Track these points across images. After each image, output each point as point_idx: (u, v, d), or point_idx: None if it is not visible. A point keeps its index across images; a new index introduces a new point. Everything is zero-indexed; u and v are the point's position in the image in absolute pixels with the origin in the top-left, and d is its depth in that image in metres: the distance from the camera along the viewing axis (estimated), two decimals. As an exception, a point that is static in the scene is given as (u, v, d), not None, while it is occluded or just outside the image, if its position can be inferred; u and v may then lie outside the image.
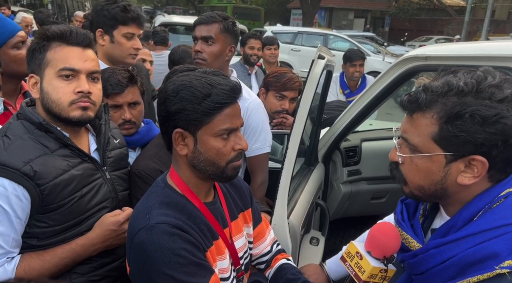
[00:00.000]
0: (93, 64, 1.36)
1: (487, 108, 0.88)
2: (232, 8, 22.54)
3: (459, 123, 0.90)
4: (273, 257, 1.45)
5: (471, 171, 0.93)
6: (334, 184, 2.85)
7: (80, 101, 1.31)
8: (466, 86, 0.91)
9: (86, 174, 1.38)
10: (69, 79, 1.31)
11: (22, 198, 1.23)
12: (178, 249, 1.06)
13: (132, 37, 2.11)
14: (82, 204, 1.35)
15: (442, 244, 0.95)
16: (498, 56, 1.77)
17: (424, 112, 0.96)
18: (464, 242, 0.91)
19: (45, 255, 1.31)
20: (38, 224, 1.29)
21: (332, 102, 3.55)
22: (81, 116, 1.33)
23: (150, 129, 1.90)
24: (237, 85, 1.15)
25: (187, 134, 1.13)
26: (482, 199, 0.96)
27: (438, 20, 30.12)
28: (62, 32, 1.31)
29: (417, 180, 1.01)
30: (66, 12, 17.15)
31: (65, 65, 1.30)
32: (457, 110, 0.90)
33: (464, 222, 0.96)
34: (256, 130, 2.04)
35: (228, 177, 1.19)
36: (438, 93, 0.94)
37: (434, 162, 0.96)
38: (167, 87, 1.13)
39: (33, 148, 1.28)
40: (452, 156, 0.94)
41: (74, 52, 1.32)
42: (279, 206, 1.67)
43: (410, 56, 2.09)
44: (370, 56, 12.41)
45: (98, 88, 1.38)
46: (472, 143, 0.90)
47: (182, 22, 7.91)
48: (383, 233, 1.16)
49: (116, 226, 1.39)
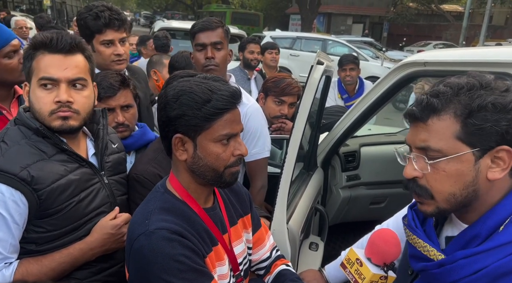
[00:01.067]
0: (75, 71, 1.31)
1: (502, 97, 0.91)
2: (231, 13, 22.63)
3: (483, 114, 0.90)
4: (273, 263, 1.45)
5: (498, 165, 0.93)
6: (333, 189, 2.85)
7: (59, 111, 1.29)
8: (473, 83, 0.93)
9: (84, 178, 1.37)
10: (49, 88, 1.29)
11: (19, 203, 1.23)
12: (177, 255, 1.05)
13: (111, 43, 2.02)
14: (80, 209, 1.35)
15: (472, 255, 0.93)
16: (496, 62, 1.78)
17: (439, 115, 0.95)
18: (495, 253, 0.90)
19: (43, 260, 1.30)
20: (36, 229, 1.29)
21: (331, 107, 3.56)
22: (61, 126, 1.30)
23: (144, 133, 1.90)
24: (237, 91, 1.15)
25: (187, 139, 1.13)
26: (505, 207, 0.94)
27: (436, 26, 30.27)
28: (43, 40, 1.29)
29: (447, 188, 0.97)
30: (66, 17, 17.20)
31: (44, 74, 1.28)
32: (478, 103, 0.90)
33: (489, 231, 0.94)
34: (255, 135, 2.04)
35: (226, 182, 1.19)
36: (450, 94, 0.94)
37: (464, 162, 0.94)
38: (167, 92, 1.13)
39: (30, 153, 1.28)
40: (479, 151, 0.93)
41: (54, 60, 1.29)
42: (278, 211, 1.67)
43: (409, 61, 2.09)
44: (369, 61, 12.46)
45: (83, 96, 1.34)
46: (497, 133, 0.90)
47: (181, 27, 7.93)
48: (383, 240, 1.16)
49: (114, 230, 1.39)
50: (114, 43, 2.02)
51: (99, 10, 1.98)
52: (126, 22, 2.08)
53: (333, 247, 3.03)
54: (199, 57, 2.00)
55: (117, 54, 2.03)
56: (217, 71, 1.98)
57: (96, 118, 1.51)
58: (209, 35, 1.97)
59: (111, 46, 2.02)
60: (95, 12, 1.98)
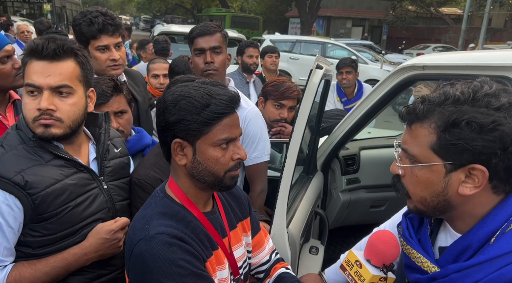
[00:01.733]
0: (59, 78, 1.28)
1: (484, 116, 0.88)
2: (230, 17, 22.72)
3: (457, 131, 0.90)
4: (272, 266, 1.45)
5: (472, 181, 0.92)
6: (333, 192, 2.85)
7: (41, 118, 1.28)
8: (462, 95, 0.91)
9: (81, 183, 1.37)
10: (34, 95, 1.29)
11: (13, 207, 1.24)
12: (177, 259, 1.06)
13: (106, 48, 2.02)
14: (76, 214, 1.34)
15: (464, 268, 0.93)
16: (495, 65, 1.78)
17: (422, 122, 0.96)
18: (486, 266, 0.89)
19: (37, 264, 1.30)
20: (32, 233, 1.29)
21: (330, 111, 3.57)
22: (43, 133, 1.29)
23: (140, 138, 1.90)
24: (235, 95, 1.16)
25: (186, 144, 1.13)
26: (496, 217, 0.94)
27: (435, 29, 30.36)
28: (32, 46, 1.28)
29: (418, 192, 1.00)
30: (66, 22, 17.26)
31: (28, 80, 1.29)
32: (454, 118, 0.90)
33: (480, 242, 0.94)
34: (255, 139, 2.05)
35: (226, 186, 1.19)
36: (435, 103, 0.94)
37: (434, 172, 0.96)
38: (166, 97, 1.14)
39: (26, 158, 1.29)
40: (451, 165, 0.93)
41: (38, 67, 1.27)
42: (278, 215, 1.67)
43: (408, 65, 2.10)
44: (368, 64, 12.49)
45: (68, 104, 1.31)
46: (470, 151, 0.89)
47: (181, 31, 7.97)
48: (382, 241, 1.16)
49: (109, 235, 1.39)
50: (109, 48, 2.03)
51: (93, 16, 1.98)
52: (121, 27, 2.08)
53: (334, 250, 3.03)
54: (198, 62, 2.00)
55: (113, 59, 2.03)
56: (216, 75, 1.98)
57: (98, 123, 1.51)
58: (208, 40, 1.98)
59: (106, 51, 2.03)
60: (89, 18, 1.99)
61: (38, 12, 16.20)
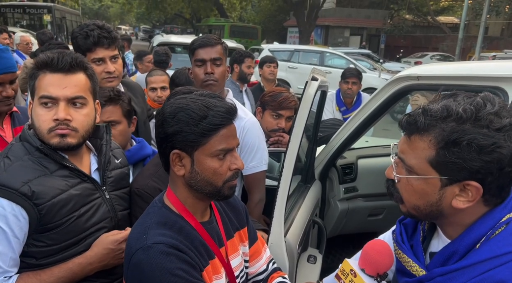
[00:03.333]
0: (75, 90, 1.33)
1: (485, 137, 0.88)
2: (229, 27, 22.89)
3: (456, 150, 0.90)
4: (269, 276, 1.46)
5: (466, 195, 0.94)
6: (331, 201, 2.87)
7: (57, 128, 1.32)
8: (465, 113, 0.91)
9: (85, 193, 1.39)
10: (48, 107, 1.32)
11: (20, 217, 1.25)
12: (174, 269, 1.07)
13: (101, 61, 2.05)
14: (80, 224, 1.36)
15: (449, 272, 0.95)
16: (488, 76, 1.81)
17: (422, 135, 0.97)
18: (470, 271, 0.91)
19: (42, 274, 1.31)
20: (36, 243, 1.30)
21: (327, 120, 3.59)
22: (59, 143, 1.33)
23: (141, 148, 1.93)
24: (232, 107, 1.18)
25: (184, 155, 1.15)
26: (483, 224, 0.96)
27: (433, 37, 30.56)
28: (45, 60, 1.32)
29: (412, 200, 1.02)
30: (65, 32, 17.36)
31: (44, 93, 1.32)
32: (455, 137, 0.90)
33: (466, 248, 0.96)
34: (253, 148, 2.07)
35: (224, 196, 1.21)
36: (437, 117, 0.94)
37: (429, 184, 0.97)
38: (165, 109, 1.16)
39: (32, 169, 1.30)
40: (447, 180, 0.95)
41: (54, 79, 1.32)
42: (275, 224, 1.69)
43: (402, 75, 2.13)
44: (366, 73, 12.56)
45: (82, 114, 1.36)
46: (467, 170, 0.91)
47: (180, 42, 8.01)
48: (376, 250, 1.18)
49: (114, 245, 1.40)
50: (105, 61, 2.05)
51: (89, 29, 2.02)
52: (116, 40, 2.10)
53: (332, 259, 3.03)
54: (198, 72, 2.04)
55: (107, 71, 2.05)
56: (215, 86, 2.02)
57: (99, 134, 1.54)
58: (209, 51, 2.02)
59: (101, 64, 2.05)
60: (85, 31, 2.02)
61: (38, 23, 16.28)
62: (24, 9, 16.64)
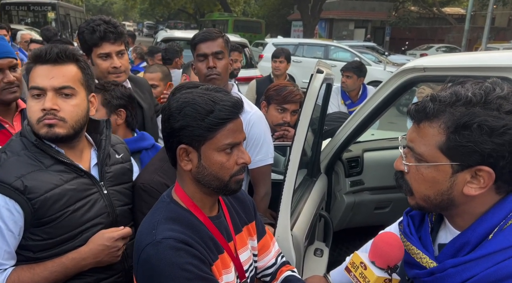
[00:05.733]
0: (62, 80, 1.34)
1: (495, 119, 0.88)
2: (233, 21, 22.79)
3: (467, 133, 0.90)
4: (278, 269, 1.47)
5: (477, 182, 0.93)
6: (337, 194, 2.86)
7: (45, 118, 1.33)
8: (474, 97, 0.91)
9: (80, 188, 1.40)
10: (38, 98, 1.34)
11: (13, 211, 1.27)
12: (184, 263, 1.08)
13: (107, 56, 2.05)
14: (75, 218, 1.37)
15: (461, 263, 0.94)
16: (495, 66, 1.79)
17: (431, 121, 0.96)
18: (484, 261, 0.90)
19: (36, 268, 1.33)
20: (32, 237, 1.32)
21: (332, 114, 3.58)
22: (47, 133, 1.34)
23: (138, 140, 1.95)
24: (238, 101, 1.18)
25: (191, 150, 1.16)
26: (495, 215, 0.94)
27: (438, 29, 30.28)
28: (36, 53, 1.35)
29: (423, 190, 1.00)
30: (70, 29, 17.39)
31: (32, 84, 1.34)
32: (465, 120, 0.90)
33: (479, 238, 0.95)
34: (258, 142, 2.07)
35: (232, 190, 1.22)
36: (446, 103, 0.94)
37: (440, 172, 0.96)
38: (171, 104, 1.16)
39: (27, 164, 1.32)
40: (458, 166, 0.94)
41: (42, 70, 1.34)
42: (282, 218, 1.69)
43: (408, 67, 2.12)
44: (371, 66, 12.48)
45: (70, 105, 1.36)
46: (479, 153, 0.90)
47: (184, 37, 7.99)
48: (386, 243, 1.17)
49: (110, 242, 1.41)
50: (111, 56, 2.06)
51: (95, 24, 2.03)
52: (123, 35, 2.11)
53: (339, 252, 3.03)
54: (201, 67, 2.04)
55: (114, 67, 2.06)
56: (219, 80, 2.02)
57: (99, 129, 1.55)
58: (210, 45, 2.02)
59: (108, 59, 2.06)
60: (91, 26, 2.03)
61: (42, 21, 16.31)
62: (28, 6, 16.67)
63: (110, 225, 1.47)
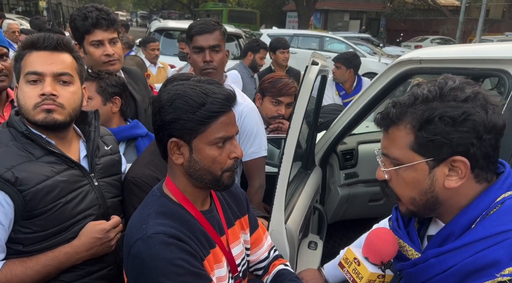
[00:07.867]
0: (61, 66, 1.34)
1: (454, 109, 0.92)
2: (227, 11, 22.64)
3: (432, 127, 0.94)
4: (271, 263, 1.46)
5: (456, 173, 0.96)
6: (331, 187, 2.86)
7: (43, 104, 1.31)
8: (430, 93, 0.96)
9: (72, 180, 1.38)
10: (35, 83, 1.32)
11: (3, 203, 1.24)
12: (175, 259, 1.06)
13: (100, 44, 2.01)
14: (67, 210, 1.35)
15: (442, 253, 0.96)
16: (492, 58, 1.78)
17: (397, 125, 1.00)
18: (464, 251, 0.92)
19: (28, 261, 1.31)
20: (22, 230, 1.30)
21: (328, 106, 3.56)
22: (45, 118, 1.31)
23: (132, 127, 1.94)
24: (231, 93, 1.15)
25: (182, 143, 1.13)
26: (478, 206, 0.96)
27: (433, 21, 30.23)
28: (31, 39, 1.34)
29: (407, 193, 1.03)
30: (62, 19, 17.16)
31: (29, 69, 1.32)
32: (426, 116, 0.94)
33: (462, 229, 0.97)
34: (251, 134, 2.05)
35: (224, 185, 1.19)
36: (407, 104, 0.99)
37: (418, 171, 0.99)
38: (162, 96, 1.13)
39: (17, 155, 1.29)
40: (433, 161, 0.96)
41: (40, 56, 1.33)
42: (276, 211, 1.68)
43: (404, 59, 2.10)
44: (366, 57, 12.45)
45: (68, 92, 1.36)
46: (448, 145, 0.93)
47: (178, 27, 7.92)
48: (380, 238, 1.17)
49: (102, 234, 1.39)
50: (104, 43, 2.02)
51: (87, 11, 1.99)
52: (116, 22, 2.07)
53: (333, 245, 3.04)
54: (197, 59, 2.00)
55: (107, 54, 2.02)
56: (214, 74, 1.99)
57: (88, 120, 1.52)
58: (207, 38, 1.97)
59: (100, 46, 2.01)
60: (83, 13, 2.00)
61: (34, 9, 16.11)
62: (19, -5, 16.43)
63: (101, 216, 1.45)
